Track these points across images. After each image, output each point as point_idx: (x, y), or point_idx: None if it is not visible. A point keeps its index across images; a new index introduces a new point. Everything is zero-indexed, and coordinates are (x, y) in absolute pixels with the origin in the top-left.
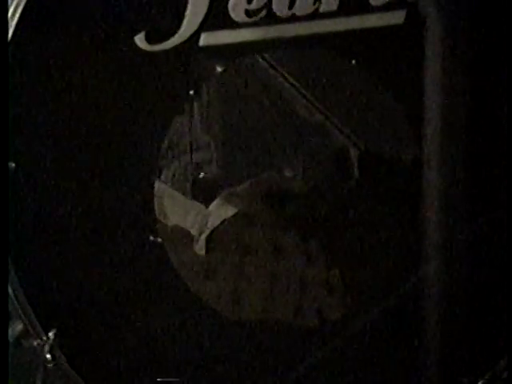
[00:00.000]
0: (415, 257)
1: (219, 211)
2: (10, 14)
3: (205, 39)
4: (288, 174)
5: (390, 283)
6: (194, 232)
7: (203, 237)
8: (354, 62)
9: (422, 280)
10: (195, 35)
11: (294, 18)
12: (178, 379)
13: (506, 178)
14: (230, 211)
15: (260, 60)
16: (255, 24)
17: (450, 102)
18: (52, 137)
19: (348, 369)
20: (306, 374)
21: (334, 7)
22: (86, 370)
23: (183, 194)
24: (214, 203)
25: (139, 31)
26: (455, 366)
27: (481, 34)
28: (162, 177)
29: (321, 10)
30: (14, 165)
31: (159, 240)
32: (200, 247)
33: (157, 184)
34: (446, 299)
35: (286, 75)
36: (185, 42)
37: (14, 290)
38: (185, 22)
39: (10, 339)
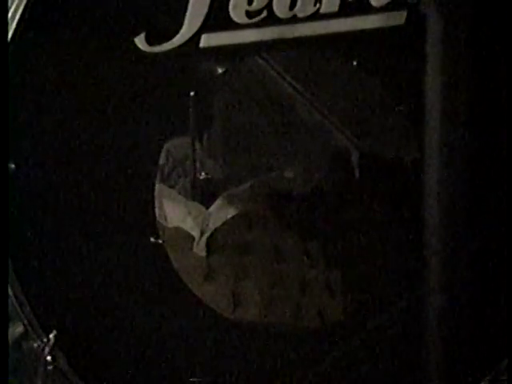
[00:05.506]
0: (416, 258)
1: (220, 212)
2: (10, 15)
3: (205, 40)
4: (288, 175)
5: (391, 285)
6: (194, 233)
7: (204, 238)
8: (354, 62)
9: (424, 281)
10: (196, 36)
11: (294, 19)
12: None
13: (507, 179)
14: (230, 212)
15: (261, 61)
16: (256, 25)
17: (450, 103)
18: (52, 138)
19: (349, 370)
20: (307, 376)
21: (335, 8)
22: (87, 371)
23: (184, 195)
24: (215, 204)
25: (139, 32)
26: (457, 366)
27: (482, 35)
28: (163, 178)
29: (322, 10)
30: (13, 166)
31: (160, 242)
32: (201, 249)
33: (157, 185)
34: (448, 300)
35: (287, 76)
36: (185, 44)
37: (14, 292)
38: (185, 23)
39: (10, 341)
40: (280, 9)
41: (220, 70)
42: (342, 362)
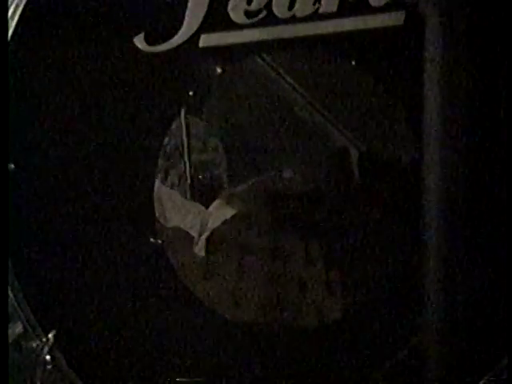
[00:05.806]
0: (416, 257)
1: (219, 212)
2: (9, 14)
3: (204, 40)
4: (288, 174)
5: (390, 284)
6: (193, 233)
7: (203, 238)
8: (353, 62)
9: (423, 280)
10: (195, 36)
11: (293, 19)
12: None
13: (507, 179)
14: (229, 212)
15: (260, 61)
16: (255, 25)
17: (449, 103)
18: (51, 138)
19: (348, 370)
20: (306, 375)
21: (334, 8)
22: (86, 371)
23: (183, 195)
24: (214, 204)
25: (139, 32)
26: (457, 365)
27: (481, 35)
28: (162, 178)
29: (320, 10)
30: (13, 166)
31: (159, 241)
32: (200, 248)
33: (156, 185)
34: (448, 299)
35: (286, 76)
36: (184, 43)
37: (13, 292)
38: (184, 23)
39: (10, 341)
40: (279, 9)
41: (219, 70)
42: (340, 362)
